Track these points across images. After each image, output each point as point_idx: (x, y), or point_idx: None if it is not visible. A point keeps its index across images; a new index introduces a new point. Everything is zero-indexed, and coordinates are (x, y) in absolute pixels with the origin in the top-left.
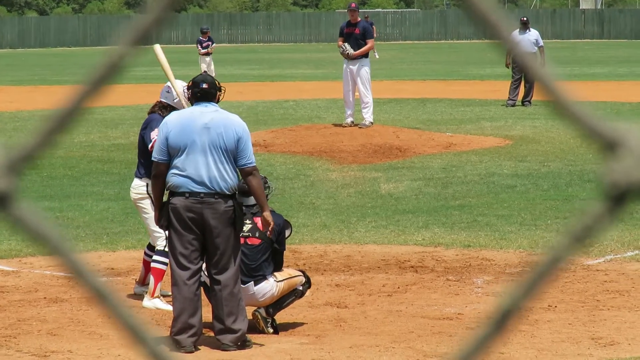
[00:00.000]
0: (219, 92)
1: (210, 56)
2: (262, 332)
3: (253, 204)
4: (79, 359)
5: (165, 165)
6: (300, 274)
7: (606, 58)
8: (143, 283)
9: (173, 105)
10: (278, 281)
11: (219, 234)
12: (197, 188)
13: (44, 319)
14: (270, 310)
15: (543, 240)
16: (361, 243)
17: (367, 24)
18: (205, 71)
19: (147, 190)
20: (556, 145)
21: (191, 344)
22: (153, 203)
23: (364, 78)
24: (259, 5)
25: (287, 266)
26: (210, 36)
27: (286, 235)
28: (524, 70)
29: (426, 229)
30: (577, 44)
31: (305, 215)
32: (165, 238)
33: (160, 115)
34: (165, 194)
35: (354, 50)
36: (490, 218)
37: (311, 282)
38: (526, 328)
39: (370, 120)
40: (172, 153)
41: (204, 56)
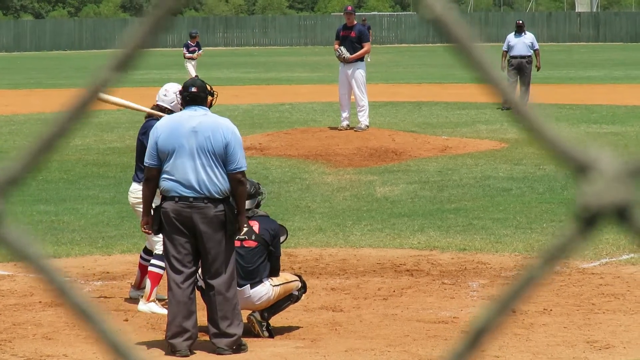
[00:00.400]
0: (210, 97)
1: (195, 61)
2: (258, 336)
3: (248, 208)
4: None
5: (157, 169)
6: (297, 279)
7: (602, 61)
8: (139, 287)
9: (170, 108)
10: (274, 285)
11: (210, 238)
12: (186, 192)
13: (40, 323)
14: (266, 314)
15: (538, 244)
16: (357, 246)
17: (364, 27)
18: (197, 75)
19: None
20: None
21: (186, 347)
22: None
23: (359, 81)
24: (255, 8)
25: (283, 270)
26: (198, 42)
27: (282, 240)
28: (518, 73)
29: (422, 233)
30: (573, 47)
31: (300, 219)
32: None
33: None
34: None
35: (349, 53)
36: (485, 221)
37: (307, 287)
38: (521, 331)
39: (366, 124)
40: (162, 157)
41: (189, 60)
